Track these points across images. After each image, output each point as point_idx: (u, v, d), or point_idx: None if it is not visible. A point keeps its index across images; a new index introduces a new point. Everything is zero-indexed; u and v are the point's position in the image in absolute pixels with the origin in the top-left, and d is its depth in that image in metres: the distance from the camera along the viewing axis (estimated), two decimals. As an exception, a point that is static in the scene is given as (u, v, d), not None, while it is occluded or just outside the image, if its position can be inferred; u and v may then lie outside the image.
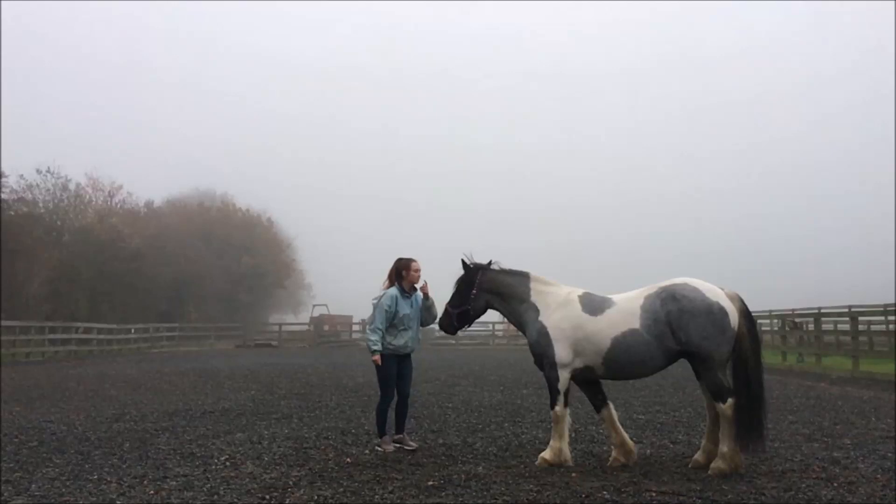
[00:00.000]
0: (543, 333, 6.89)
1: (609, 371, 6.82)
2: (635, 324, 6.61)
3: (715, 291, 6.61)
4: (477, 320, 7.66)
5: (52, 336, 28.75)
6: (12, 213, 34.02)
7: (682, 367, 6.86)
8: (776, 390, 14.02)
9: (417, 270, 7.88)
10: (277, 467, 6.88)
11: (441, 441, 8.28)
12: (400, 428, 7.93)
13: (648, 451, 7.55)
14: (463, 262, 7.40)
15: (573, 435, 8.61)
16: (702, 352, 6.45)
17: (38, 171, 38.14)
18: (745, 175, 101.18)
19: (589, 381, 7.08)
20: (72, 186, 40.42)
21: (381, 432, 7.77)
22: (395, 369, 7.82)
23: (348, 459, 7.24)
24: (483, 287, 7.27)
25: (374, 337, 7.69)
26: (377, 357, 7.69)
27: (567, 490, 5.87)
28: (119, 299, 40.18)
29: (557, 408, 6.86)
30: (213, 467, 6.93)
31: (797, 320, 25.60)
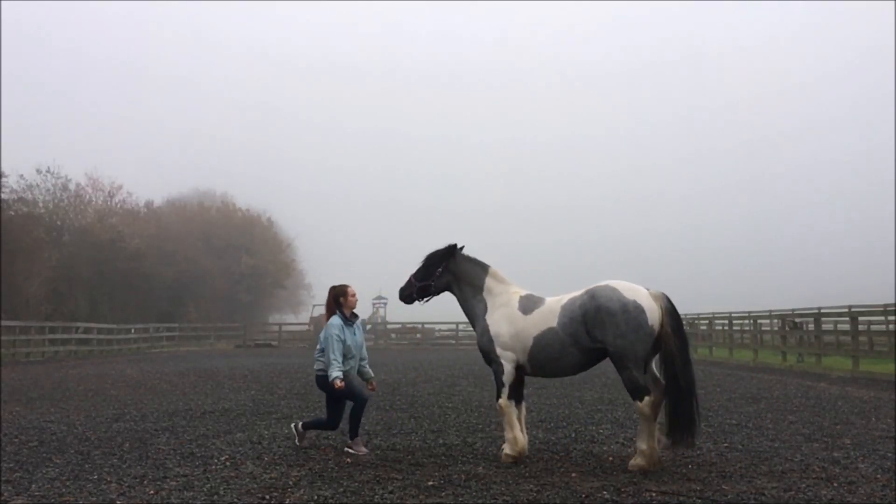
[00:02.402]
0: (485, 331, 7.25)
1: (534, 368, 7.11)
2: (553, 322, 6.90)
3: (634, 291, 6.72)
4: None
5: (52, 336, 28.75)
6: (12, 213, 34.02)
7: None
8: (776, 390, 14.03)
9: (354, 296, 8.11)
10: (277, 467, 6.88)
11: (441, 441, 8.28)
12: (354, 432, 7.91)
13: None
14: (437, 250, 7.68)
15: (573, 435, 8.62)
16: (617, 350, 6.58)
17: (38, 171, 38.22)
18: (745, 175, 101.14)
19: (521, 378, 7.34)
20: (72, 186, 40.51)
21: (354, 434, 7.76)
22: (352, 380, 7.88)
23: (348, 459, 7.24)
24: (449, 268, 7.58)
25: (335, 370, 7.59)
26: (339, 384, 7.56)
27: (567, 490, 5.87)
28: (119, 299, 40.22)
29: (501, 400, 7.10)
30: (213, 467, 6.93)
31: (797, 320, 25.60)
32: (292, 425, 8.19)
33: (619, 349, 6.56)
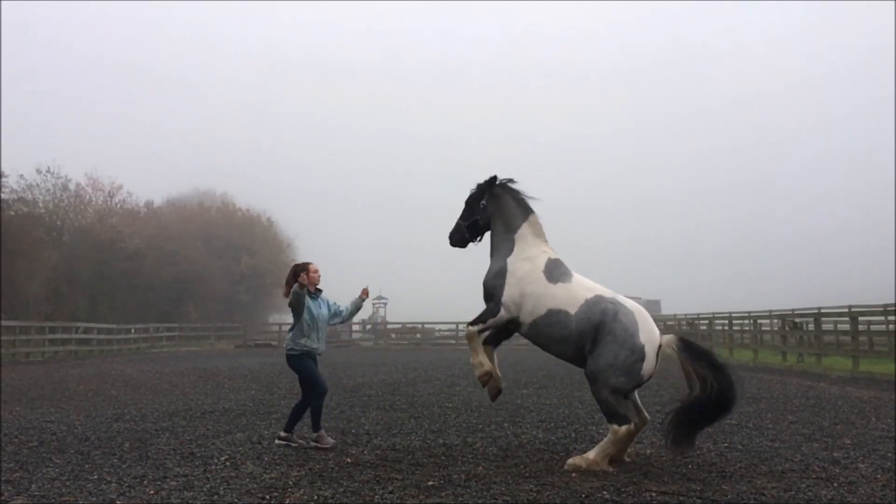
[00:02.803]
0: (502, 273, 7.06)
1: (529, 332, 7.04)
2: (572, 309, 6.80)
3: (650, 335, 6.68)
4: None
5: (52, 336, 28.75)
6: (12, 213, 34.02)
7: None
8: (776, 390, 14.03)
9: (316, 271, 8.16)
10: (277, 467, 6.88)
11: (441, 441, 8.28)
12: (290, 426, 8.05)
13: (649, 450, 7.55)
14: (478, 184, 7.46)
15: (573, 435, 8.62)
16: (599, 376, 6.58)
17: (38, 171, 38.23)
18: (745, 175, 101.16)
19: (507, 330, 7.25)
20: (72, 186, 40.50)
21: (317, 427, 7.89)
22: (315, 363, 8.06)
23: (348, 459, 7.23)
24: (492, 197, 7.34)
25: (301, 339, 7.91)
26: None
27: (567, 490, 5.87)
28: (119, 299, 40.20)
29: (472, 328, 7.04)
30: (213, 467, 6.92)
31: (797, 320, 25.60)
32: (276, 442, 8.02)
33: (602, 376, 6.56)
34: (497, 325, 7.07)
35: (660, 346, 6.76)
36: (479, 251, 7.61)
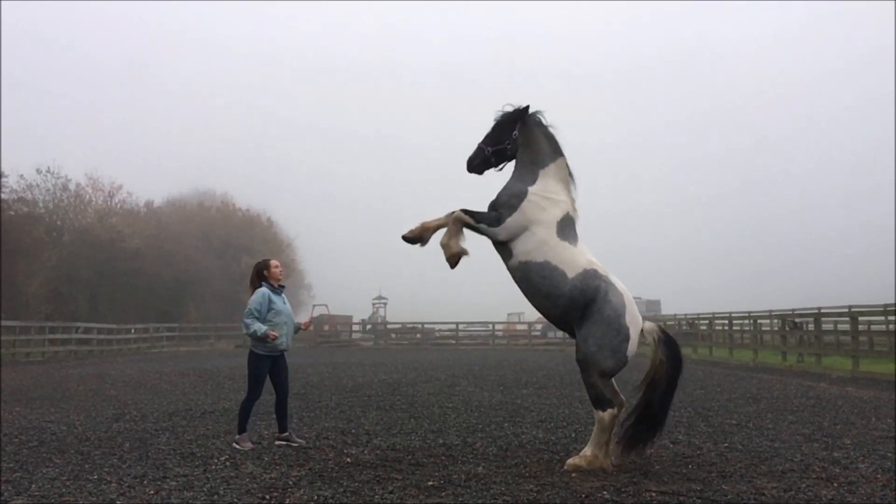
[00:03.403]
0: (520, 196, 6.76)
1: (516, 272, 6.81)
2: (570, 273, 6.69)
3: (635, 320, 6.71)
4: (475, 322, 7.69)
5: (52, 336, 28.74)
6: (12, 213, 34.00)
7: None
8: (776, 390, 14.03)
9: (277, 266, 8.28)
10: (277, 467, 6.88)
11: (441, 441, 8.28)
12: (283, 427, 8.17)
13: (648, 450, 7.54)
14: (513, 107, 7.03)
15: (573, 435, 8.62)
16: (591, 360, 6.56)
17: (38, 171, 38.15)
18: (745, 175, 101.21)
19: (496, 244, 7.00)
20: (72, 186, 40.42)
21: (242, 429, 7.94)
22: (267, 369, 8.09)
23: (348, 459, 7.23)
24: (525, 126, 6.94)
25: (255, 324, 7.88)
26: (273, 333, 7.88)
27: (567, 490, 5.87)
28: (119, 299, 40.17)
29: (465, 215, 6.78)
30: (213, 467, 6.92)
31: (797, 320, 25.60)
32: (234, 445, 7.87)
33: (594, 361, 6.57)
34: (496, 239, 6.80)
35: (641, 331, 6.78)
36: (484, 248, 7.47)
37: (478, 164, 7.01)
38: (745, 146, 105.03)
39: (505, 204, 6.81)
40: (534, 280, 6.76)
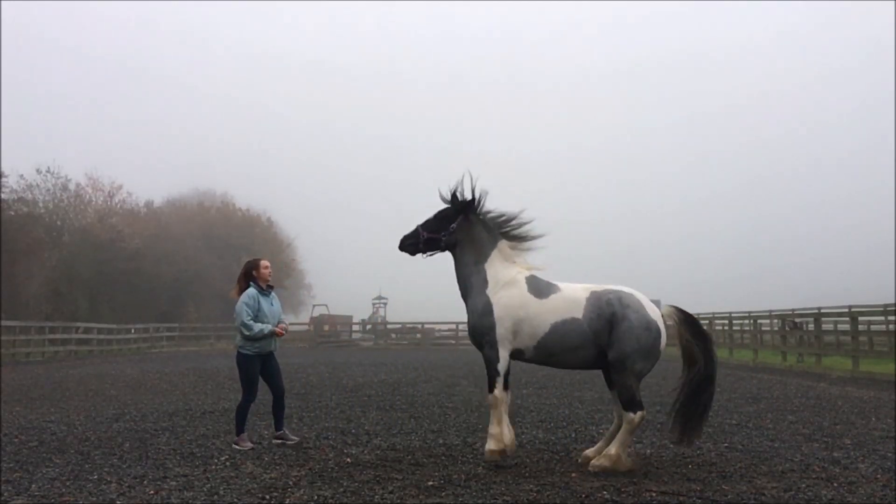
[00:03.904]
0: (488, 311, 6.77)
1: (538, 355, 6.81)
2: (578, 314, 6.67)
3: (655, 311, 6.74)
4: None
5: (52, 336, 28.74)
6: (12, 213, 34.01)
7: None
8: (776, 390, 14.03)
9: (267, 267, 8.24)
10: (277, 467, 6.88)
11: (441, 441, 8.28)
12: (279, 425, 8.20)
13: (649, 450, 7.55)
14: (454, 195, 7.09)
15: (573, 435, 8.61)
16: (626, 362, 6.53)
17: (38, 171, 38.18)
18: (745, 176, 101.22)
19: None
20: (72, 186, 40.46)
21: (240, 430, 7.95)
22: (257, 368, 8.09)
23: (348, 459, 7.23)
24: (463, 226, 7.07)
25: (255, 326, 7.88)
26: (280, 329, 8.01)
27: (567, 490, 5.87)
28: (119, 299, 40.18)
29: (497, 391, 6.70)
30: (213, 467, 6.92)
31: (797, 320, 25.61)
32: (233, 447, 7.84)
33: (629, 361, 6.52)
34: (507, 368, 6.77)
35: (665, 315, 6.81)
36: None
37: (409, 244, 7.18)
38: (745, 146, 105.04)
39: (484, 328, 6.79)
40: (557, 346, 6.72)
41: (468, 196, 7.10)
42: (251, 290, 8.07)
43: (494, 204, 7.21)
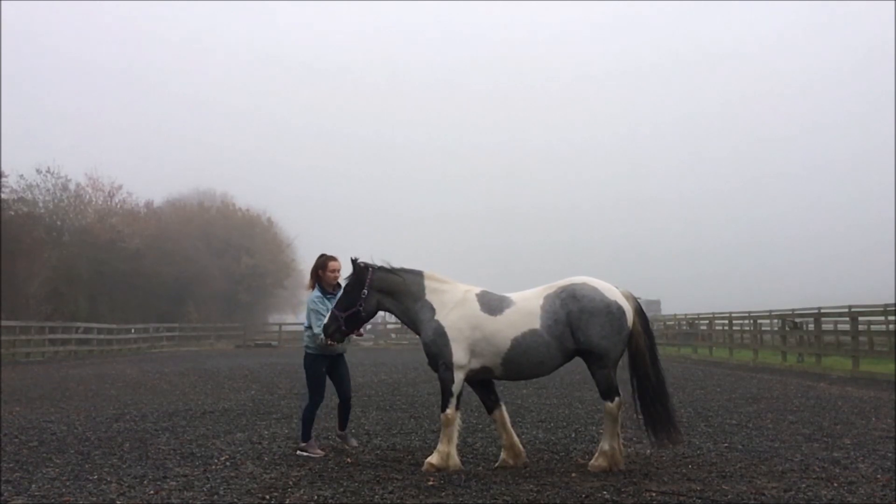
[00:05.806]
0: (440, 333, 6.65)
1: (507, 372, 6.73)
2: (535, 324, 6.58)
3: (612, 291, 6.70)
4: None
5: (52, 336, 28.75)
6: (12, 213, 34.01)
7: (681, 367, 6.91)
8: (776, 390, 14.02)
9: (334, 271, 7.62)
10: (277, 467, 6.88)
11: (441, 441, 8.26)
12: (343, 425, 7.90)
13: (648, 450, 7.54)
14: (353, 261, 6.99)
15: (573, 435, 8.61)
16: (599, 351, 6.52)
17: (38, 171, 38.17)
18: (746, 176, 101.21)
19: (483, 381, 6.99)
20: (72, 186, 40.44)
21: (307, 436, 7.61)
22: (323, 369, 7.72)
23: (348, 459, 7.23)
24: (374, 286, 6.86)
25: (317, 331, 7.35)
26: (327, 340, 7.25)
27: (567, 490, 5.87)
28: (119, 299, 40.17)
29: (449, 410, 6.63)
30: (213, 467, 6.92)
31: (797, 320, 25.59)
32: (298, 453, 7.60)
33: (602, 349, 6.53)
34: (460, 389, 6.64)
35: (623, 296, 6.72)
36: (485, 247, 7.46)
37: (333, 331, 6.92)
38: (745, 146, 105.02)
39: (437, 348, 6.66)
40: (524, 361, 6.62)
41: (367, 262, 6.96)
42: (317, 294, 7.59)
43: (499, 198, 7.16)
